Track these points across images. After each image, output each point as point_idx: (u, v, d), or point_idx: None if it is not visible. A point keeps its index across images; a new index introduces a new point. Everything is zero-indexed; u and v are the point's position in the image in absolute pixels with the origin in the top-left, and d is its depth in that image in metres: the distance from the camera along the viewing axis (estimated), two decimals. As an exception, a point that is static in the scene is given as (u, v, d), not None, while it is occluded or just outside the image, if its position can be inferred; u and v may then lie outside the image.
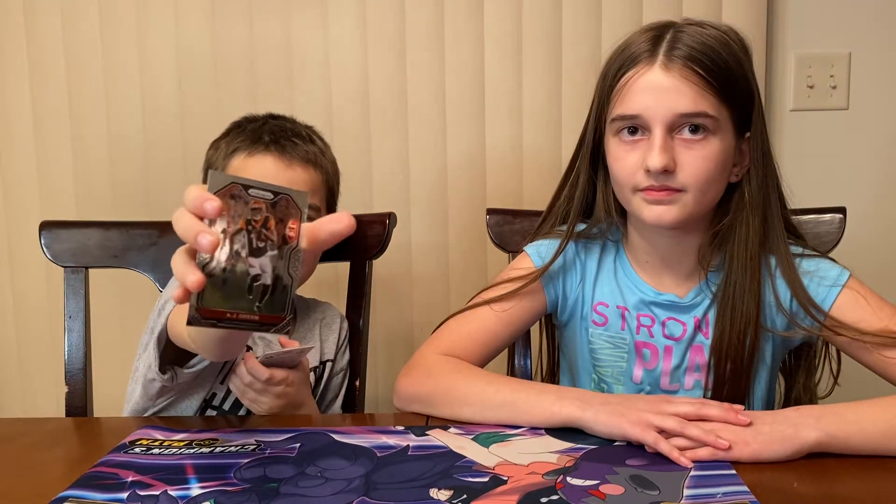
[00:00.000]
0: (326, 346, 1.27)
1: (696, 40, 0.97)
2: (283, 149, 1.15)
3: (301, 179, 1.17)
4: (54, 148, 1.70)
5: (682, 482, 0.81)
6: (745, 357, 1.02)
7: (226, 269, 0.72)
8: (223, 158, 1.17)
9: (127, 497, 0.79)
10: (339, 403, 1.28)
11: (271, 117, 1.24)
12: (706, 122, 0.97)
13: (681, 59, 0.96)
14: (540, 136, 1.67)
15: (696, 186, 0.98)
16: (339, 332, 1.29)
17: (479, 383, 0.99)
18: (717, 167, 0.99)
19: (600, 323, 1.12)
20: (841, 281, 1.03)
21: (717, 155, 0.98)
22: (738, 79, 0.99)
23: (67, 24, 1.67)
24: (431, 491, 0.79)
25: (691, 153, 0.98)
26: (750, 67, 1.01)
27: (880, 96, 1.68)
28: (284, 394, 1.05)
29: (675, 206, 0.99)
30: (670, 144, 0.98)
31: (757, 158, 1.01)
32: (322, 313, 1.29)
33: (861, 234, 1.40)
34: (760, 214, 1.01)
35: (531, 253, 1.14)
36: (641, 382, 1.10)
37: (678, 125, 0.98)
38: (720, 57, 0.97)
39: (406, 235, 1.68)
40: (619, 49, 1.02)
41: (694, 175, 0.98)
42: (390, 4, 1.64)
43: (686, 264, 1.07)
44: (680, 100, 0.96)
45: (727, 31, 1.01)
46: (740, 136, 1.02)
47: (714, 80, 0.96)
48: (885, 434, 0.87)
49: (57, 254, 1.31)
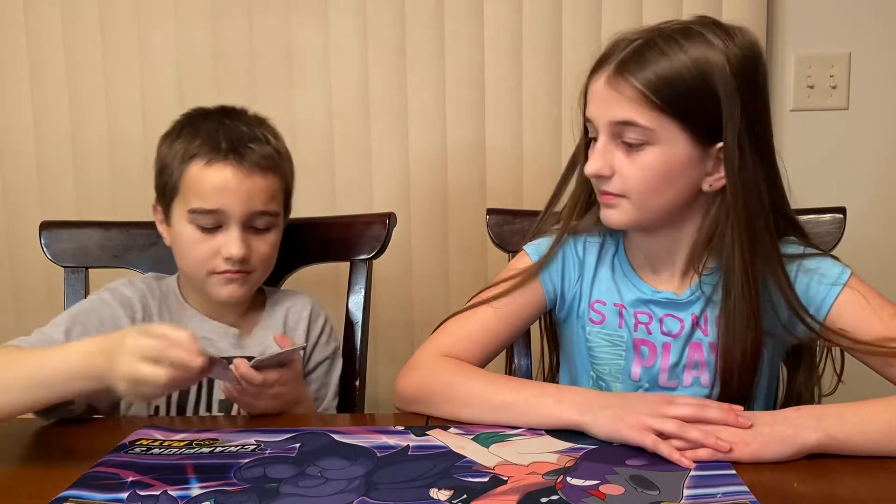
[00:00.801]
0: (294, 334, 1.24)
1: (644, 54, 0.97)
2: (241, 157, 1.13)
3: (260, 188, 1.15)
4: (54, 148, 1.70)
5: (682, 482, 0.81)
6: (747, 360, 1.02)
7: None
8: (179, 163, 1.15)
9: (127, 497, 0.79)
10: (329, 397, 1.26)
11: (224, 113, 1.21)
12: (639, 131, 0.97)
13: (622, 71, 0.98)
14: (540, 136, 1.67)
15: (634, 193, 1.00)
16: (311, 320, 1.26)
17: (479, 384, 0.99)
18: (656, 176, 0.99)
19: (597, 321, 1.12)
20: (842, 280, 1.02)
21: (655, 164, 0.98)
22: (691, 93, 0.96)
23: (67, 24, 1.66)
24: (431, 491, 0.79)
25: (627, 161, 0.99)
26: (725, 79, 0.96)
27: (880, 96, 1.68)
28: (280, 394, 1.05)
29: (618, 210, 1.02)
30: (610, 151, 1.00)
31: (733, 169, 0.98)
32: (291, 301, 1.27)
33: (861, 234, 1.40)
34: (743, 224, 0.99)
35: (530, 252, 1.14)
36: (640, 379, 1.10)
37: (619, 133, 0.99)
38: (667, 71, 0.96)
39: (406, 235, 1.68)
40: (601, 51, 1.03)
41: (629, 182, 1.00)
42: (390, 5, 1.64)
43: (678, 263, 1.07)
44: (614, 109, 0.98)
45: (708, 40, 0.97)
46: (708, 146, 0.99)
47: (652, 93, 0.96)
48: (886, 435, 0.87)
49: (57, 254, 1.31)
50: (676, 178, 1.00)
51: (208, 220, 1.13)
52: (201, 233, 1.14)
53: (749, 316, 1.00)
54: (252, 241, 1.15)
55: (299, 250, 1.32)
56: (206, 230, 1.14)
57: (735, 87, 0.96)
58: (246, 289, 1.18)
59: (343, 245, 1.33)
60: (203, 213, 1.13)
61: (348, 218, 1.37)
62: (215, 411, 1.16)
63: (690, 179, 1.00)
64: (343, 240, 1.33)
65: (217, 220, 1.13)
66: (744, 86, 0.97)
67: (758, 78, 1.00)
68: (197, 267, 1.15)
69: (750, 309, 1.00)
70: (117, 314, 1.15)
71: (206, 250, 1.14)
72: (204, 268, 1.15)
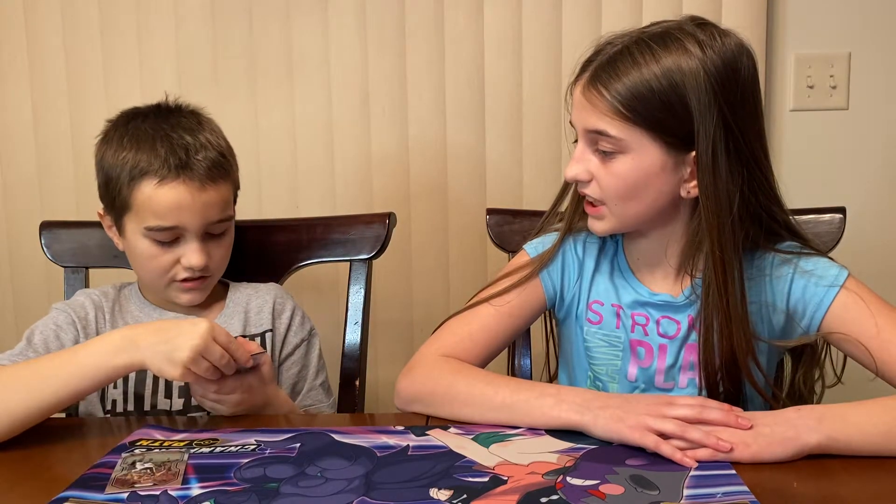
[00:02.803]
0: (258, 317, 1.23)
1: (617, 64, 0.97)
2: (192, 172, 1.12)
3: (213, 199, 1.14)
4: (54, 148, 1.70)
5: (682, 482, 0.81)
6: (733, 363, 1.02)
7: None
8: (129, 179, 1.12)
9: (127, 497, 0.79)
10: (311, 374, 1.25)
11: (161, 116, 1.18)
12: (609, 141, 0.99)
13: (594, 82, 0.99)
14: (540, 135, 1.67)
15: (610, 200, 1.02)
16: (276, 306, 1.25)
17: (479, 384, 0.99)
18: (629, 184, 1.00)
19: (595, 321, 1.12)
20: (839, 281, 1.02)
21: (627, 172, 0.99)
22: (659, 104, 0.96)
23: (67, 24, 1.67)
24: (431, 491, 0.79)
25: (602, 168, 1.01)
26: (698, 88, 0.95)
27: (880, 96, 1.68)
28: (241, 401, 1.05)
29: (600, 220, 1.05)
30: (588, 157, 1.02)
31: (706, 179, 0.97)
32: (254, 289, 1.26)
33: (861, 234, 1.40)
34: (715, 234, 0.98)
35: (530, 251, 1.15)
36: (636, 380, 1.10)
37: (594, 141, 1.01)
38: (636, 83, 0.96)
39: (406, 235, 1.68)
40: (587, 53, 1.04)
41: (605, 189, 1.02)
42: (390, 5, 1.64)
43: (671, 266, 1.08)
44: (587, 118, 1.00)
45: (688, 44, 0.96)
46: (683, 153, 0.99)
47: (620, 104, 0.96)
48: (886, 435, 0.87)
49: (57, 254, 1.31)
50: (650, 186, 1.00)
51: (165, 236, 1.13)
52: (158, 246, 1.14)
53: (723, 321, 1.00)
54: (210, 249, 1.16)
55: (299, 250, 1.32)
56: (164, 244, 1.14)
57: (710, 96, 0.95)
58: (206, 292, 1.20)
59: (343, 245, 1.33)
60: (160, 231, 1.13)
61: (348, 218, 1.37)
62: (175, 397, 1.16)
63: (667, 186, 1.01)
64: (343, 240, 1.33)
65: (174, 235, 1.14)
66: (721, 93, 0.95)
67: (738, 83, 0.97)
68: (157, 278, 1.17)
69: (724, 314, 1.00)
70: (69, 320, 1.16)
71: (165, 262, 1.15)
72: (164, 278, 1.16)
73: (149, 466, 0.85)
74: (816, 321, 1.03)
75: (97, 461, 0.88)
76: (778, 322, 1.06)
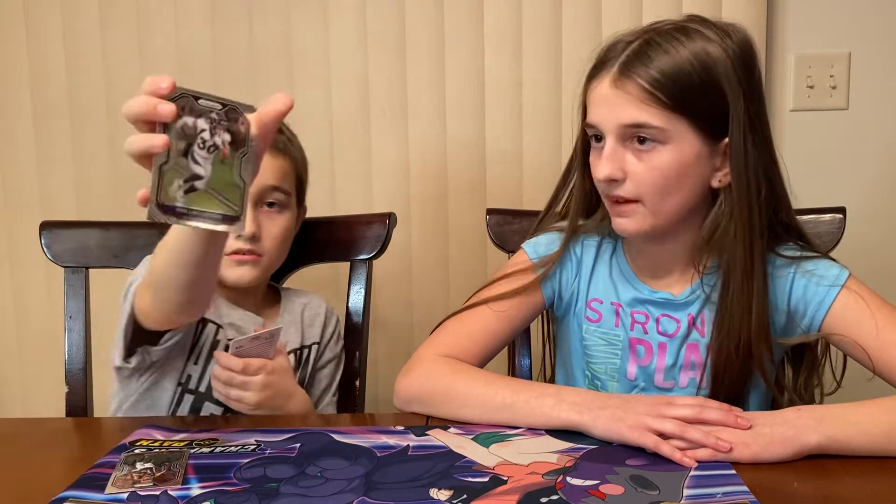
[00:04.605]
0: (311, 330, 1.26)
1: (647, 52, 0.97)
2: None
3: (272, 165, 1.17)
4: (54, 148, 1.70)
5: (682, 482, 0.81)
6: (740, 358, 1.02)
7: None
8: None
9: (127, 497, 0.79)
10: (331, 393, 1.27)
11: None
12: (651, 132, 0.97)
13: (627, 72, 0.97)
14: (540, 136, 1.67)
15: (649, 196, 1.00)
16: (326, 319, 1.28)
17: (478, 384, 0.99)
18: (669, 176, 0.99)
19: (594, 319, 1.12)
20: (840, 281, 1.02)
21: (668, 164, 0.98)
22: (697, 88, 0.96)
23: (67, 24, 1.66)
24: (431, 491, 0.79)
25: (640, 163, 0.99)
26: (727, 73, 0.96)
27: (880, 96, 1.68)
28: (268, 384, 1.05)
29: (634, 217, 1.02)
30: (620, 155, 0.99)
31: (738, 164, 0.98)
32: (307, 298, 1.29)
33: (861, 234, 1.40)
34: (746, 219, 0.99)
35: (528, 250, 1.15)
36: (636, 379, 1.10)
37: (629, 136, 0.99)
38: (672, 68, 0.95)
39: (406, 235, 1.68)
40: (595, 55, 1.03)
41: (643, 184, 0.99)
42: (390, 5, 1.64)
43: (679, 265, 1.08)
44: (623, 111, 0.97)
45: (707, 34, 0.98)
46: (716, 141, 0.99)
47: (660, 91, 0.95)
48: (887, 436, 0.87)
49: (57, 254, 1.31)
50: (688, 177, 1.00)
51: None
52: None
53: (744, 312, 1.00)
54: (263, 221, 1.16)
55: (299, 250, 1.32)
56: None
57: (737, 82, 0.97)
58: (256, 273, 1.18)
59: (343, 245, 1.33)
60: None
61: (348, 218, 1.37)
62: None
63: (700, 177, 1.01)
64: (343, 240, 1.33)
65: None
66: (744, 80, 0.97)
67: (755, 73, 1.00)
68: None
69: (746, 306, 1.00)
70: None
71: None
72: None
73: (149, 466, 0.85)
74: (817, 321, 1.03)
75: (97, 461, 0.88)
76: (779, 322, 1.06)
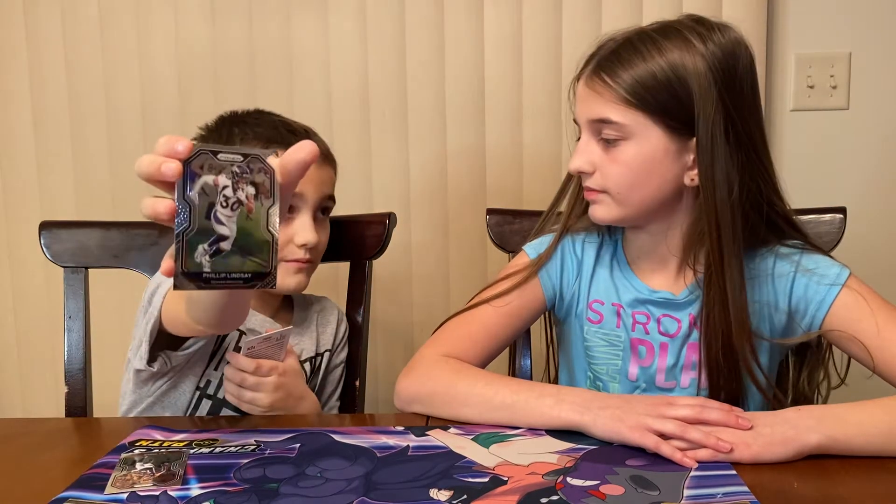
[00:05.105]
0: (324, 337, 1.27)
1: (621, 53, 1.00)
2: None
3: (327, 174, 1.20)
4: (54, 148, 1.70)
5: (682, 482, 0.81)
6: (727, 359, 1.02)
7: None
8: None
9: (127, 497, 0.79)
10: (335, 397, 1.28)
11: (262, 113, 1.23)
12: (613, 127, 1.00)
13: (598, 71, 1.01)
14: (540, 136, 1.67)
15: (614, 188, 1.03)
16: (338, 325, 1.29)
17: (479, 384, 0.99)
18: (633, 170, 1.01)
19: (595, 320, 1.12)
20: (840, 280, 1.03)
21: (632, 158, 1.00)
22: (663, 88, 0.97)
23: (67, 24, 1.67)
24: (431, 491, 0.79)
25: (606, 157, 1.02)
26: (698, 75, 0.97)
27: (880, 96, 1.68)
28: (280, 385, 1.05)
29: (601, 205, 1.05)
30: (591, 148, 1.03)
31: (705, 163, 0.98)
32: (320, 305, 1.30)
33: (861, 234, 1.40)
34: (714, 218, 0.99)
35: (529, 252, 1.15)
36: (637, 380, 1.10)
37: (598, 131, 1.02)
38: (639, 68, 0.98)
39: (406, 235, 1.68)
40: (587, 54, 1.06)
41: (609, 177, 1.02)
42: (390, 5, 1.64)
43: (673, 261, 1.08)
44: (591, 107, 1.02)
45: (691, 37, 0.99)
46: (685, 140, 1.00)
47: (623, 90, 0.98)
48: (887, 436, 0.87)
49: (57, 254, 1.31)
50: (654, 172, 1.01)
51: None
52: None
53: (721, 310, 1.00)
54: (318, 228, 1.18)
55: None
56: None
57: (710, 82, 0.97)
58: (308, 279, 1.20)
59: (343, 245, 1.33)
60: None
61: (348, 218, 1.37)
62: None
63: (670, 173, 1.02)
64: (343, 240, 1.33)
65: (293, 205, 1.14)
66: (721, 81, 0.98)
67: (737, 73, 0.99)
68: None
69: (722, 303, 1.00)
70: None
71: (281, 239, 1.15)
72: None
73: (149, 466, 0.85)
74: (818, 320, 1.03)
75: (97, 461, 0.88)
76: (780, 321, 1.06)
